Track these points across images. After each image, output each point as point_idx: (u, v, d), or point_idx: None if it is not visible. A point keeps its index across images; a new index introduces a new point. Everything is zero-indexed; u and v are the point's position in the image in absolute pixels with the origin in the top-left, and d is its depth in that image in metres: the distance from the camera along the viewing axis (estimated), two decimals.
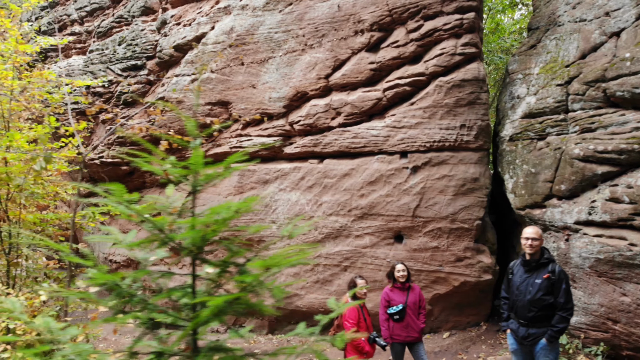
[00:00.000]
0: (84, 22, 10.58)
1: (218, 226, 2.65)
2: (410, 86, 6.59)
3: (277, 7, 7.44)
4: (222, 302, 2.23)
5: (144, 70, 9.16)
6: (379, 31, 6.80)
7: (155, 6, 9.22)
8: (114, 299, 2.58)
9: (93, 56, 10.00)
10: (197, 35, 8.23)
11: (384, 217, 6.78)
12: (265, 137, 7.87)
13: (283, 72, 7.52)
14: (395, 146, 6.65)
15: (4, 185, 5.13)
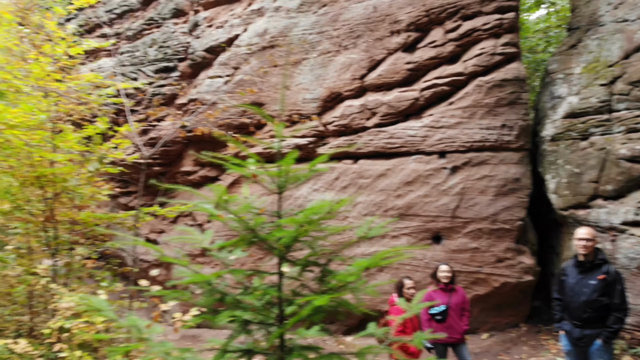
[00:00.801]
0: (113, 25, 10.71)
1: (310, 226, 2.67)
2: (448, 86, 6.56)
3: (311, 8, 7.45)
4: (326, 302, 2.25)
5: (176, 72, 9.23)
6: (415, 31, 6.78)
7: (186, 8, 9.29)
8: (207, 298, 2.61)
9: (123, 58, 10.11)
10: (230, 37, 8.28)
11: (422, 217, 6.75)
12: (299, 137, 7.89)
13: (317, 73, 7.53)
14: (434, 146, 6.62)
15: (51, 186, 5.22)
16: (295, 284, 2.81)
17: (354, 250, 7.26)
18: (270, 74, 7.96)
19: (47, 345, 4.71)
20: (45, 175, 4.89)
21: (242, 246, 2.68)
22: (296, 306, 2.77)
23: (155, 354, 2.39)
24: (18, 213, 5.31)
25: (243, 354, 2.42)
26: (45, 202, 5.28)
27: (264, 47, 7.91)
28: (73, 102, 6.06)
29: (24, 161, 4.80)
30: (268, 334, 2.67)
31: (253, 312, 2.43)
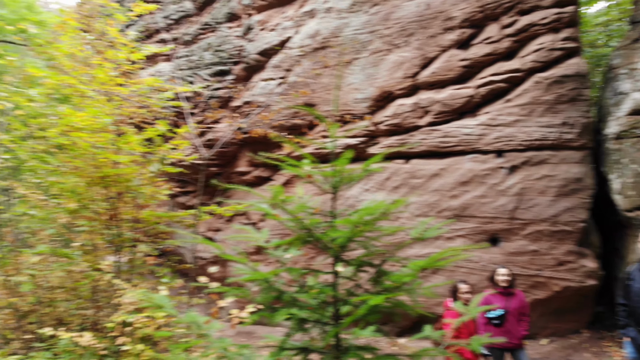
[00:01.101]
0: (171, 30, 11.11)
1: (365, 227, 2.66)
2: (505, 83, 6.35)
3: (362, 8, 7.43)
4: (381, 302, 2.24)
5: (231, 75, 9.46)
6: (470, 28, 6.61)
7: (239, 12, 9.50)
8: (264, 295, 2.66)
9: (181, 62, 10.46)
10: (283, 39, 8.38)
11: (478, 218, 6.57)
12: (350, 137, 7.88)
13: (368, 72, 7.49)
14: (490, 145, 6.42)
15: (115, 186, 5.48)
16: (349, 283, 2.81)
17: (407, 251, 7.16)
18: (321, 75, 8.00)
19: (110, 338, 4.94)
20: (110, 175, 5.13)
21: (297, 245, 2.71)
22: (351, 306, 2.77)
23: (214, 350, 2.46)
24: (84, 212, 5.60)
25: (299, 351, 2.45)
26: (109, 201, 5.55)
27: (316, 49, 7.96)
28: (135, 105, 6.34)
29: (90, 162, 5.06)
30: (324, 332, 2.69)
31: (309, 310, 2.45)
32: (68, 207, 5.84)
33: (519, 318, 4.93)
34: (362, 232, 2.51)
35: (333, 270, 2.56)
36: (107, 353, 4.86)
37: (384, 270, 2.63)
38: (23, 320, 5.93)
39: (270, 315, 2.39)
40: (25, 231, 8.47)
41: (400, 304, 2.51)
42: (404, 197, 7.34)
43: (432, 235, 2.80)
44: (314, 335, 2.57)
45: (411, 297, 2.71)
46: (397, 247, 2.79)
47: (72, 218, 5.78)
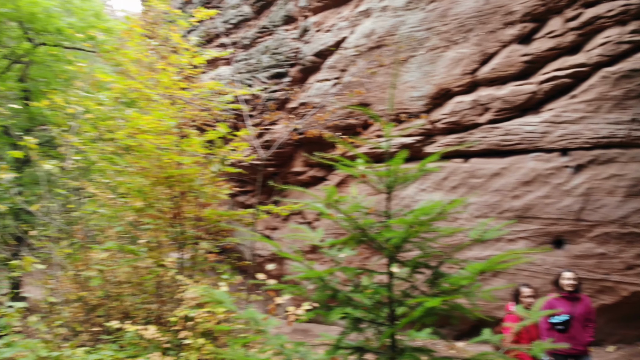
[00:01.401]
0: (230, 34, 11.43)
1: (420, 227, 2.65)
2: (570, 78, 6.06)
3: (419, 5, 7.33)
4: (438, 304, 2.22)
5: (287, 77, 9.61)
6: (531, 22, 6.36)
7: (296, 14, 9.63)
8: (319, 293, 2.71)
9: (239, 66, 10.74)
10: (338, 40, 8.42)
11: (542, 220, 6.32)
12: (405, 136, 7.80)
13: (425, 70, 7.38)
14: (555, 143, 6.16)
15: (178, 186, 5.72)
16: (405, 285, 2.79)
17: (466, 253, 7.00)
18: (376, 74, 7.96)
19: (173, 332, 5.17)
20: (174, 175, 5.37)
21: (351, 245, 2.74)
22: (407, 307, 2.76)
23: (271, 346, 2.53)
24: (149, 210, 5.89)
25: (354, 351, 2.47)
26: (173, 200, 5.80)
27: (371, 48, 7.93)
28: (197, 108, 6.60)
29: (155, 163, 5.31)
30: (379, 333, 2.69)
31: (364, 310, 2.47)
32: (134, 205, 6.16)
33: (585, 324, 4.72)
34: (418, 233, 2.50)
35: (388, 270, 2.56)
36: (170, 346, 5.09)
37: (440, 272, 2.60)
38: (91, 313, 6.29)
39: (325, 313, 2.42)
40: (94, 229, 9.01)
41: (457, 307, 2.48)
42: (463, 197, 7.17)
43: (491, 236, 2.74)
44: (369, 335, 2.58)
45: (469, 300, 2.66)
46: (455, 249, 2.74)
47: (138, 216, 6.09)
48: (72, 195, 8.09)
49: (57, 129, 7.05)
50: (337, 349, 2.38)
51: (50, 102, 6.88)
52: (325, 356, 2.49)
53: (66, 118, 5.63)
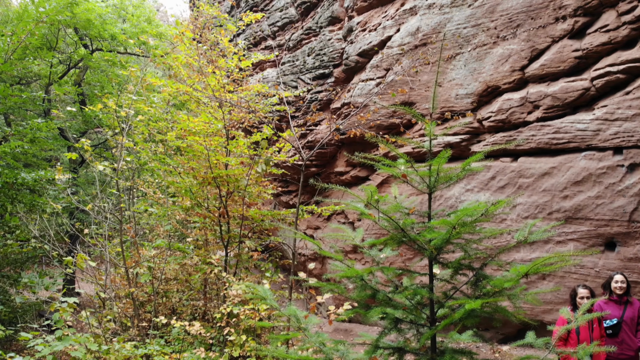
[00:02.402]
0: (276, 37, 11.60)
1: (463, 228, 2.63)
2: (624, 74, 5.80)
3: (465, 2, 7.20)
4: (478, 306, 2.21)
5: (331, 78, 9.66)
6: (583, 16, 6.13)
7: (341, 15, 9.66)
8: (359, 292, 2.74)
9: (285, 68, 10.89)
10: (382, 39, 8.39)
11: (593, 221, 6.08)
12: (450, 135, 7.68)
13: (472, 67, 7.24)
14: (608, 141, 5.91)
15: (225, 186, 5.87)
16: (447, 286, 2.77)
17: (513, 255, 6.83)
18: (421, 73, 7.88)
19: (217, 328, 5.31)
20: (221, 176, 5.52)
21: (391, 245, 2.75)
22: (448, 309, 2.74)
23: (312, 344, 2.57)
24: (197, 209, 6.08)
25: (394, 351, 2.47)
26: (220, 199, 5.97)
27: (416, 46, 7.86)
28: (244, 110, 6.75)
29: (203, 164, 5.48)
30: (419, 334, 2.69)
31: (404, 310, 2.47)
32: (183, 204, 6.37)
33: (636, 328, 4.55)
34: (460, 234, 2.47)
35: (430, 272, 2.54)
36: (214, 342, 5.24)
37: (483, 274, 2.57)
38: (140, 309, 6.53)
39: (364, 312, 2.45)
40: (144, 227, 9.35)
41: (500, 310, 2.44)
42: (507, 198, 7.00)
43: (537, 238, 2.68)
44: (409, 336, 2.58)
45: (513, 302, 2.62)
46: (500, 251, 2.69)
47: (186, 215, 6.31)
48: (123, 195, 8.46)
49: (111, 131, 7.35)
50: (377, 349, 2.40)
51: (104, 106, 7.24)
52: (365, 356, 2.52)
53: (119, 119, 5.88)
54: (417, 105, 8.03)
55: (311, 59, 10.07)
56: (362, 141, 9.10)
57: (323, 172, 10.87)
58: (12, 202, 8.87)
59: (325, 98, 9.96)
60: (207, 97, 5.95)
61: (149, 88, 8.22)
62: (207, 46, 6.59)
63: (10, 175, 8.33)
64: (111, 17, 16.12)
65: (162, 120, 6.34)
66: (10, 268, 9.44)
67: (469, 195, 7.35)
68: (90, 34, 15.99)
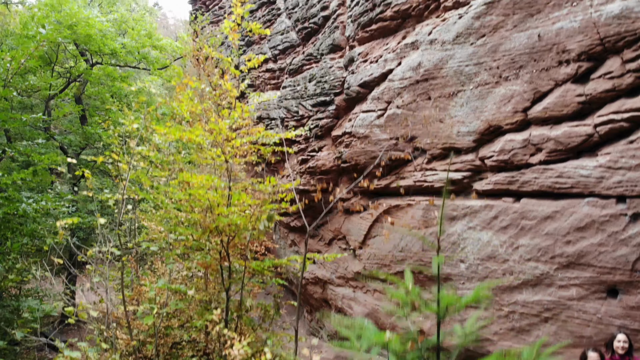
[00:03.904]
0: (277, 60, 11.57)
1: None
2: (628, 122, 5.78)
3: (468, 40, 7.17)
4: None
5: (332, 105, 9.65)
6: (587, 61, 6.10)
7: (342, 43, 9.63)
8: None
9: (286, 92, 10.87)
10: (384, 72, 8.37)
11: (595, 268, 6.07)
12: (452, 171, 7.67)
13: (473, 105, 7.23)
14: (611, 189, 5.89)
15: (227, 231, 5.85)
16: None
17: (515, 296, 6.82)
18: (422, 107, 7.87)
19: None
20: (223, 225, 5.50)
21: (394, 278, 2.68)
22: None
23: None
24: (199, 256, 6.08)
25: None
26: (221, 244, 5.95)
27: (418, 81, 7.84)
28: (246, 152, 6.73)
29: (205, 217, 5.46)
30: None
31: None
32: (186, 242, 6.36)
33: None
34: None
35: None
36: None
37: None
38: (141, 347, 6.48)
39: None
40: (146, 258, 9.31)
41: None
42: (512, 239, 6.99)
43: None
44: None
45: None
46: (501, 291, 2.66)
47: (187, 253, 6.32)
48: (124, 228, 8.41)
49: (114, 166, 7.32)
50: None
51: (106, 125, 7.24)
52: None
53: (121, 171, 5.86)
54: (419, 140, 8.02)
55: (312, 85, 10.06)
56: (363, 169, 9.11)
57: (324, 197, 10.83)
58: (13, 232, 8.85)
59: (326, 125, 9.95)
60: (209, 141, 5.93)
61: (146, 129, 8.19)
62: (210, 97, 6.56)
63: (11, 207, 8.31)
64: (111, 32, 16.07)
65: (164, 163, 6.32)
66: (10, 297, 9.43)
67: (471, 233, 7.34)
68: (90, 49, 15.97)
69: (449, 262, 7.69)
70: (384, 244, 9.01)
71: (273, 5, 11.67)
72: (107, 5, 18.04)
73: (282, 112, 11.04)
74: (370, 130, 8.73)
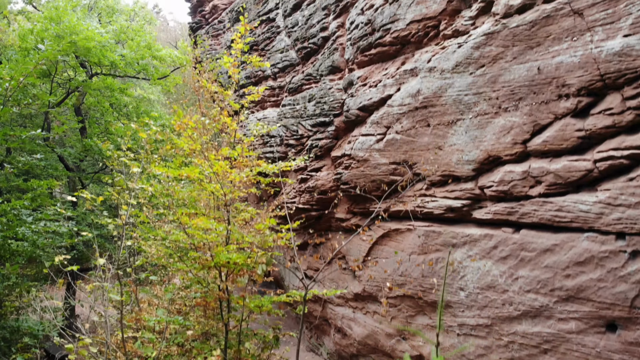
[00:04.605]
0: (277, 78, 11.56)
1: None
2: (628, 159, 5.77)
3: (467, 69, 7.17)
4: None
5: (332, 126, 9.64)
6: (587, 96, 6.10)
7: (341, 65, 9.62)
8: None
9: (286, 110, 10.86)
10: (383, 97, 8.37)
11: (595, 303, 6.07)
12: (451, 199, 7.68)
13: (473, 134, 7.22)
14: (610, 226, 5.89)
15: (224, 269, 5.86)
16: None
17: (515, 327, 6.83)
18: (422, 134, 7.87)
19: None
20: (222, 263, 5.52)
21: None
22: None
23: None
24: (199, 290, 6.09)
25: None
26: (220, 278, 5.96)
27: (417, 108, 7.84)
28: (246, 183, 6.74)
29: (204, 255, 5.47)
30: None
31: None
32: (183, 276, 6.36)
33: None
34: None
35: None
36: None
37: None
38: None
39: None
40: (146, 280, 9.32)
41: None
42: (512, 270, 7.00)
43: None
44: None
45: None
46: (501, 321, 2.66)
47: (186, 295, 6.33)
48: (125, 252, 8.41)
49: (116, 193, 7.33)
50: None
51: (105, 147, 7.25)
52: None
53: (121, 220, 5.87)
54: (418, 166, 8.02)
55: (312, 105, 10.05)
56: (363, 192, 9.11)
57: (324, 216, 10.86)
58: (12, 254, 8.86)
59: (325, 145, 9.95)
60: (209, 176, 5.93)
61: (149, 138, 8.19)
62: (209, 134, 6.55)
63: (10, 231, 8.31)
64: (111, 43, 16.05)
65: (163, 196, 6.33)
66: None
67: (471, 261, 7.35)
68: (89, 61, 15.96)
69: (449, 290, 7.70)
70: (383, 267, 9.02)
71: (272, 22, 11.65)
72: (106, 15, 18.01)
73: (281, 130, 11.04)
74: (370, 154, 8.72)
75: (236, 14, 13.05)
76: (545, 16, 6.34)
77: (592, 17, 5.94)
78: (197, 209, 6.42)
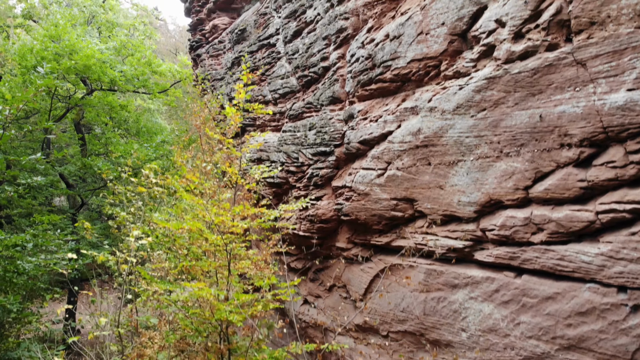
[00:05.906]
0: (277, 103, 11.52)
1: None
2: (630, 213, 5.74)
3: (468, 112, 7.13)
4: None
5: (332, 156, 9.62)
6: (589, 147, 6.06)
7: (342, 96, 9.58)
8: None
9: (286, 137, 10.83)
10: (383, 132, 8.33)
11: (596, 353, 6.06)
12: (452, 239, 7.65)
13: (474, 176, 7.19)
14: (612, 279, 5.87)
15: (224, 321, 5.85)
16: None
17: None
18: (423, 172, 7.84)
19: None
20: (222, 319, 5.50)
21: None
22: None
23: None
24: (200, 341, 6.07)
25: None
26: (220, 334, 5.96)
27: (417, 146, 7.80)
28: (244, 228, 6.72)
29: (205, 310, 5.46)
30: None
31: None
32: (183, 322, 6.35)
33: None
34: None
35: None
36: None
37: None
38: None
39: None
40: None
41: None
42: (514, 315, 6.99)
43: None
44: None
45: None
46: None
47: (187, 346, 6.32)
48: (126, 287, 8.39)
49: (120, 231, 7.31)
50: None
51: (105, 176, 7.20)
52: None
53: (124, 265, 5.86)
54: (419, 203, 7.99)
55: (312, 134, 10.02)
56: (364, 224, 9.10)
57: (324, 244, 10.84)
58: (12, 288, 8.85)
59: (326, 175, 9.93)
60: (206, 208, 5.92)
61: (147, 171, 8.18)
62: (208, 165, 6.52)
63: (9, 266, 8.30)
64: (111, 59, 16.01)
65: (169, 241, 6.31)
66: None
67: (473, 303, 7.33)
68: (90, 79, 15.92)
69: (451, 330, 7.69)
70: (385, 300, 9.00)
71: (273, 48, 11.60)
72: (106, 30, 17.95)
73: (282, 156, 11.01)
74: (371, 189, 8.70)
75: (236, 35, 12.98)
76: (548, 64, 6.29)
77: (596, 69, 5.90)
78: (198, 255, 6.41)
